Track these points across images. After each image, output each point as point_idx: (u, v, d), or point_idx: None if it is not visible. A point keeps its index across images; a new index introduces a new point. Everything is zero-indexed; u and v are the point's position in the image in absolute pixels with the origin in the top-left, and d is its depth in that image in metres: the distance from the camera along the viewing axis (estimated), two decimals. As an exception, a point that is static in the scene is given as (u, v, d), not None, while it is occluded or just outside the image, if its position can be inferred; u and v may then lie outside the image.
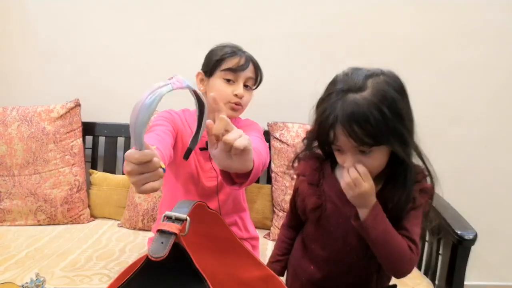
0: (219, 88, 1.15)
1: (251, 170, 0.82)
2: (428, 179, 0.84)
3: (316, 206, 0.86)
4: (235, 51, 1.17)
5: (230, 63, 1.15)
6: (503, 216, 1.89)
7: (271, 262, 1.03)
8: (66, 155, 1.68)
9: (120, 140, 1.83)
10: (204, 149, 1.19)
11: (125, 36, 1.82)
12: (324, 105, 0.77)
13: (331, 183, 0.87)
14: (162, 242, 0.59)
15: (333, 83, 0.80)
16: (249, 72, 1.17)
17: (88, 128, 1.80)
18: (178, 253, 0.60)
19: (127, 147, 1.82)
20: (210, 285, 0.60)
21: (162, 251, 0.57)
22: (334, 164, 0.89)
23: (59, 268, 1.27)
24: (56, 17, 1.81)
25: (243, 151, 0.73)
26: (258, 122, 1.32)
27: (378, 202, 0.79)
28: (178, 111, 1.24)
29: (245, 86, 1.17)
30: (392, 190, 0.80)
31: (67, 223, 1.67)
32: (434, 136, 1.87)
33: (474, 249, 1.18)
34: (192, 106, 1.27)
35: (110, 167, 1.83)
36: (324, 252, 0.89)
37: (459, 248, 1.18)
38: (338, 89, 0.76)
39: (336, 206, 0.85)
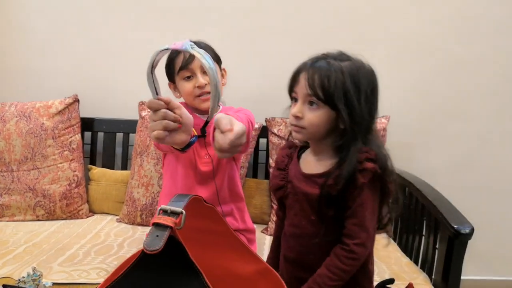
0: (184, 88, 1.22)
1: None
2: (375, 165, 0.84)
3: (278, 187, 0.94)
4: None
5: (178, 62, 1.20)
6: (500, 210, 1.90)
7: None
8: (64, 151, 1.68)
9: (119, 136, 1.83)
10: (199, 136, 1.23)
11: (124, 32, 1.82)
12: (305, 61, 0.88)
13: (294, 166, 0.94)
14: (157, 236, 0.59)
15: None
16: (198, 60, 1.17)
17: (87, 124, 1.80)
18: (173, 246, 0.60)
19: (125, 142, 1.83)
20: (206, 279, 0.60)
21: (157, 245, 0.58)
22: (301, 151, 0.96)
23: (57, 263, 1.28)
24: (55, 13, 1.81)
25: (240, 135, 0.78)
26: (256, 117, 1.32)
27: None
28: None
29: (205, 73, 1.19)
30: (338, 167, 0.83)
31: (65, 218, 1.67)
32: (432, 130, 1.87)
33: (471, 244, 1.18)
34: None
35: (109, 163, 1.83)
36: (290, 228, 0.94)
37: (455, 242, 1.18)
38: (322, 54, 0.87)
39: (293, 184, 0.91)
